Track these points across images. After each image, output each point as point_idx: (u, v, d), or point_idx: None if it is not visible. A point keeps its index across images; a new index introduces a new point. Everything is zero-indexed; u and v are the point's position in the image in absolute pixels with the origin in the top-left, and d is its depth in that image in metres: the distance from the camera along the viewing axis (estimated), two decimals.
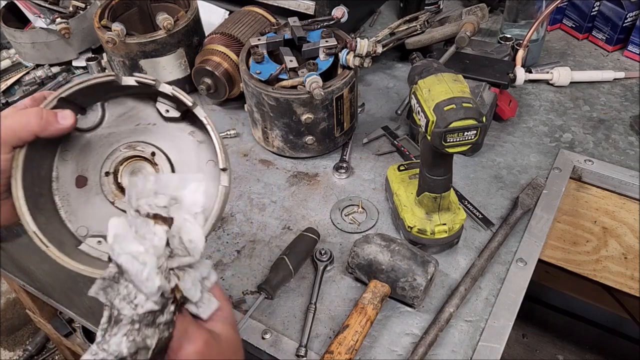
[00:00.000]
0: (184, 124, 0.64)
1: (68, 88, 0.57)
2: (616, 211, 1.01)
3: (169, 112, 0.62)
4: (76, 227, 0.63)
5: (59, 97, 0.57)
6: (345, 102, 0.94)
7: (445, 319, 0.74)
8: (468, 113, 0.67)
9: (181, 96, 0.58)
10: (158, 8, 1.15)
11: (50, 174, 0.63)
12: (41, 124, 0.54)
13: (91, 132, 0.64)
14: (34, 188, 0.59)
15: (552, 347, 1.87)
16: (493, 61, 1.03)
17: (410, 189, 0.85)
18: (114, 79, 0.57)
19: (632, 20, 1.17)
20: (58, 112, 0.56)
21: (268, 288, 0.78)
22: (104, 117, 0.64)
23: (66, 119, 0.56)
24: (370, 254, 0.77)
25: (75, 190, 0.64)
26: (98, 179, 0.64)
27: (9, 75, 1.27)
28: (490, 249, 0.82)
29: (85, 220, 0.63)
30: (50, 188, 0.63)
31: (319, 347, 0.74)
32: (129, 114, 0.64)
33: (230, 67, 1.05)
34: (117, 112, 0.64)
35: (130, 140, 0.64)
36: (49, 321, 1.44)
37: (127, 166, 0.65)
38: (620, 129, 1.05)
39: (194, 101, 0.58)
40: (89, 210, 0.64)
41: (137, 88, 0.59)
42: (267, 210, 0.94)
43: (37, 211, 0.58)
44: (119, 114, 0.64)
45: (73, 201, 0.63)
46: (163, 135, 0.64)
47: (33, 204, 0.57)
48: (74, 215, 0.63)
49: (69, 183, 0.63)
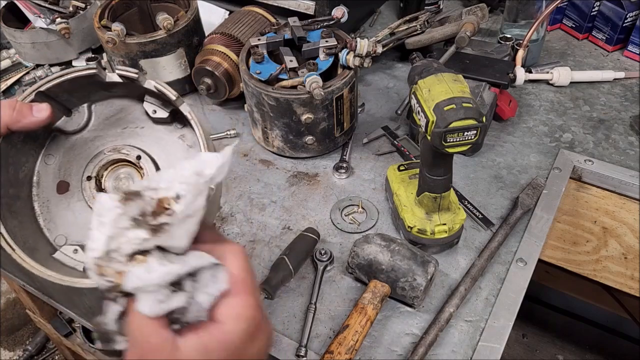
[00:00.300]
0: (173, 126, 0.61)
1: (47, 81, 0.55)
2: (616, 211, 1.01)
3: (156, 113, 0.59)
4: (54, 236, 0.60)
5: (37, 90, 0.54)
6: (345, 102, 0.94)
7: (445, 319, 0.74)
8: (468, 113, 0.67)
9: (165, 90, 0.55)
10: (158, 8, 1.15)
11: (31, 178, 0.60)
12: (13, 115, 0.51)
13: (76, 134, 0.61)
14: (9, 189, 0.56)
15: (552, 347, 1.87)
16: (493, 61, 1.03)
17: (410, 189, 0.85)
18: (96, 72, 0.54)
19: (632, 20, 1.17)
20: (34, 105, 0.53)
21: (268, 288, 0.78)
22: (90, 119, 0.61)
23: (41, 111, 0.53)
24: (370, 254, 0.77)
25: (56, 197, 0.61)
26: (80, 184, 0.61)
27: (9, 75, 1.27)
28: (490, 249, 0.82)
29: (65, 228, 0.60)
30: (30, 193, 0.60)
31: (319, 347, 0.74)
32: (116, 117, 0.62)
33: (230, 67, 1.05)
34: (105, 115, 0.61)
35: (116, 144, 0.61)
36: (49, 321, 1.43)
37: (112, 171, 0.62)
38: (620, 129, 1.05)
39: (177, 95, 0.55)
40: (69, 217, 0.61)
41: (123, 88, 0.56)
42: (267, 210, 0.94)
43: (10, 214, 0.55)
44: (106, 116, 0.61)
45: (53, 207, 0.61)
46: (151, 138, 0.61)
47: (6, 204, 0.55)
48: (53, 223, 0.60)
49: (50, 188, 0.61)
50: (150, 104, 0.59)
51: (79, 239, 0.60)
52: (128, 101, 0.61)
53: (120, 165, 0.62)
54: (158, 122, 0.61)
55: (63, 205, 0.61)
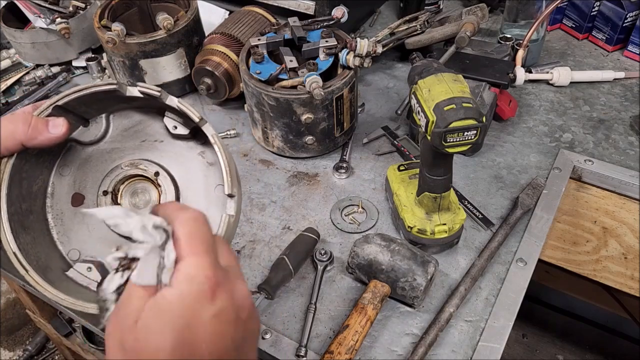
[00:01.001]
0: (193, 142, 0.59)
1: (65, 95, 0.53)
2: (616, 211, 1.01)
3: (177, 129, 0.57)
4: (68, 249, 0.58)
5: (54, 104, 0.53)
6: (345, 102, 0.94)
7: (445, 319, 0.74)
8: (468, 113, 0.67)
9: (188, 110, 0.53)
10: (158, 8, 1.15)
11: (45, 189, 0.58)
12: (28, 132, 0.50)
13: (93, 146, 0.60)
14: (22, 204, 0.55)
15: (552, 347, 1.87)
16: (493, 61, 1.03)
17: (410, 189, 0.85)
18: (117, 87, 0.52)
19: (632, 20, 1.17)
20: (50, 120, 0.52)
21: (268, 288, 0.78)
22: (108, 131, 0.60)
23: (57, 127, 0.52)
24: (370, 254, 0.77)
25: (71, 209, 0.59)
26: (95, 197, 0.59)
27: (8, 75, 1.27)
28: (490, 249, 0.82)
29: (78, 243, 0.59)
30: (44, 205, 0.58)
31: (319, 347, 0.74)
32: (135, 129, 0.60)
33: (230, 67, 1.05)
34: (123, 126, 0.60)
35: (134, 158, 0.60)
36: (49, 321, 1.44)
37: (128, 186, 0.60)
38: (620, 129, 1.05)
39: (201, 116, 0.54)
40: (84, 232, 0.59)
41: (143, 100, 0.54)
42: (267, 210, 0.94)
43: (23, 230, 0.54)
44: (125, 127, 0.60)
45: (67, 221, 0.59)
46: (170, 154, 0.60)
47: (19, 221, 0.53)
48: (66, 237, 0.58)
49: (64, 201, 0.59)
50: (171, 119, 0.58)
51: (93, 254, 0.58)
52: (147, 113, 0.59)
53: (137, 180, 0.60)
54: (177, 138, 0.59)
55: (77, 219, 0.59)
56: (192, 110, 0.53)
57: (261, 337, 0.75)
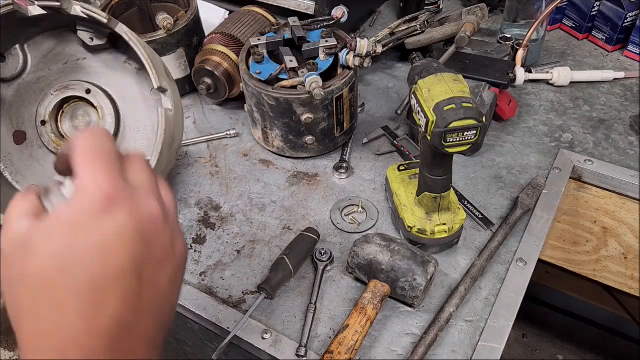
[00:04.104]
0: (115, 52, 0.57)
1: None
2: (616, 211, 1.01)
3: (93, 41, 0.55)
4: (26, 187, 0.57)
5: None
6: (345, 102, 0.94)
7: (445, 319, 0.74)
8: (468, 113, 0.67)
9: (94, 14, 0.52)
10: (158, 8, 1.15)
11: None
12: None
13: (17, 80, 0.58)
14: None
15: (552, 347, 1.87)
16: (493, 61, 1.03)
17: (410, 189, 0.85)
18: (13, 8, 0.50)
19: (632, 20, 1.17)
20: None
21: (268, 288, 0.78)
22: (27, 61, 0.58)
23: None
24: (370, 254, 0.77)
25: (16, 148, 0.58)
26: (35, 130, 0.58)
27: None
28: (490, 249, 0.82)
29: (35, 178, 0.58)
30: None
31: (319, 347, 0.74)
32: (53, 53, 0.58)
33: (230, 67, 1.05)
34: (41, 53, 0.58)
35: (61, 82, 0.58)
36: None
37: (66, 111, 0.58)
38: (620, 129, 1.05)
39: (109, 17, 0.52)
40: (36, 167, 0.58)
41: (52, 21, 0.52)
42: (267, 210, 0.94)
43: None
44: (43, 54, 0.58)
45: (16, 160, 0.58)
46: (96, 69, 0.58)
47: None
48: (20, 175, 0.58)
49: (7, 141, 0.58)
50: (84, 31, 0.55)
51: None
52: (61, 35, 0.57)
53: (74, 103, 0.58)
54: (98, 51, 0.57)
55: (25, 155, 0.58)
56: (98, 13, 0.52)
57: (261, 337, 0.75)
